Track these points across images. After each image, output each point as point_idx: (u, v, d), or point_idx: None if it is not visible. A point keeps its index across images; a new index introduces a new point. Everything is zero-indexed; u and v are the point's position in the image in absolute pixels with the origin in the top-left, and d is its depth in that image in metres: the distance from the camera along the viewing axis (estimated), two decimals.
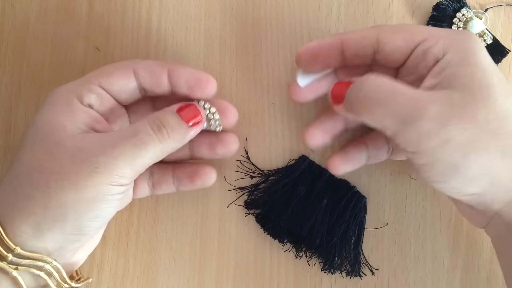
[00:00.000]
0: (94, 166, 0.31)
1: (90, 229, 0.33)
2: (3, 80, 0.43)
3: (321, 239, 0.39)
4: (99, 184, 0.31)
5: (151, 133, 0.33)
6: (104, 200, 0.32)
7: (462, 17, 0.41)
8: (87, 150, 0.32)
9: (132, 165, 0.32)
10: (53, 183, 0.31)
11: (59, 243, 0.33)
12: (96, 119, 0.34)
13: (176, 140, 0.34)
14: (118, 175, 0.32)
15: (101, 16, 0.42)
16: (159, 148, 0.33)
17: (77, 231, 0.33)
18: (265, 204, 0.40)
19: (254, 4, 0.42)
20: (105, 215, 0.33)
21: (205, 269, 0.41)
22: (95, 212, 0.32)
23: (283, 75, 0.42)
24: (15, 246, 0.32)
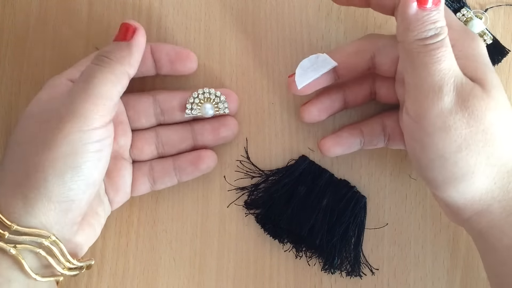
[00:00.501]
0: (59, 118, 0.32)
1: (75, 192, 0.32)
2: (3, 80, 0.43)
3: (321, 239, 0.39)
4: (68, 135, 0.31)
5: (92, 65, 0.33)
6: (79, 152, 0.32)
7: (462, 17, 0.41)
8: (50, 108, 0.33)
9: (93, 102, 0.32)
10: (28, 150, 0.32)
11: (52, 216, 0.32)
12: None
13: (121, 58, 0.34)
14: (82, 116, 0.32)
15: (101, 16, 0.42)
16: (109, 73, 0.33)
17: (63, 197, 0.32)
18: (265, 204, 0.40)
19: (254, 4, 0.42)
20: (85, 172, 0.32)
21: (205, 269, 0.41)
22: (75, 169, 0.32)
23: (283, 75, 0.42)
24: (10, 223, 0.31)
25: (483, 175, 0.31)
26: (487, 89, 0.31)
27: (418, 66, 0.31)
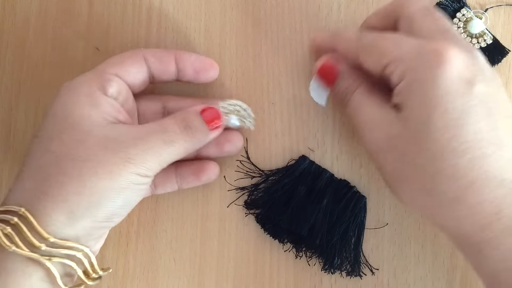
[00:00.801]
0: (127, 157, 0.32)
1: (118, 216, 0.34)
2: (3, 80, 0.43)
3: (321, 239, 0.39)
4: (130, 174, 0.33)
5: (178, 132, 0.35)
6: (133, 189, 0.33)
7: (462, 17, 0.41)
8: (118, 140, 0.33)
9: (159, 160, 0.34)
10: (86, 171, 0.32)
11: (88, 231, 0.33)
12: (119, 110, 0.35)
13: (198, 141, 0.36)
14: (146, 167, 0.33)
15: (101, 16, 0.42)
16: (183, 146, 0.35)
17: (107, 219, 0.33)
18: (265, 204, 0.40)
19: (254, 4, 0.42)
20: (131, 203, 0.35)
21: (205, 269, 0.41)
22: (125, 200, 0.34)
23: (283, 75, 0.42)
24: (48, 235, 0.31)
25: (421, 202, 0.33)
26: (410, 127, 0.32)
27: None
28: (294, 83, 0.42)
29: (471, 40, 0.41)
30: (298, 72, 0.42)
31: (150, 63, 0.37)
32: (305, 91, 0.42)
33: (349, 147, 0.41)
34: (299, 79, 0.42)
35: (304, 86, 0.42)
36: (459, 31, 0.41)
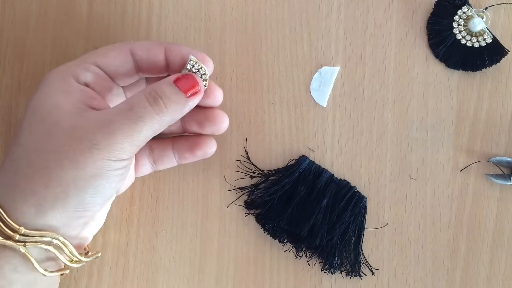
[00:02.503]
0: (92, 143, 0.31)
1: (92, 205, 0.33)
2: (3, 80, 0.43)
3: (321, 239, 0.39)
4: (98, 160, 0.31)
5: (146, 106, 0.32)
6: (104, 176, 0.32)
7: (463, 14, 0.41)
8: (84, 127, 0.32)
9: (131, 140, 0.32)
10: (52, 163, 0.31)
11: (63, 221, 0.32)
12: (92, 96, 0.34)
13: (174, 111, 0.33)
14: (116, 150, 0.32)
15: (101, 16, 0.42)
16: (156, 120, 0.33)
17: (80, 208, 0.33)
18: (265, 204, 0.40)
19: (254, 4, 0.42)
20: (106, 191, 0.33)
21: (205, 269, 0.41)
22: (97, 188, 0.32)
23: (283, 75, 0.42)
24: (19, 227, 0.31)
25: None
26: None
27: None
28: (294, 83, 0.42)
29: (471, 38, 0.41)
30: (298, 72, 0.42)
31: (137, 56, 0.36)
32: (305, 91, 0.42)
33: (349, 147, 0.41)
34: (299, 79, 0.42)
35: (304, 86, 0.42)
36: (459, 29, 0.41)
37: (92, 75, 0.35)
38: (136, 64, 0.36)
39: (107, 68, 0.36)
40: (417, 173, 0.41)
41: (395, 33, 0.42)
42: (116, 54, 0.36)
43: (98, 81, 0.35)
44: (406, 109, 0.41)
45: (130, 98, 0.33)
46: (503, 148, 0.41)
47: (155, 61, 0.36)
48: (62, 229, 0.33)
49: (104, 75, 0.36)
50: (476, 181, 0.41)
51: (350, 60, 0.42)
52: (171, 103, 0.33)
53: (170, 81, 0.34)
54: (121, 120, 0.32)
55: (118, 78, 0.37)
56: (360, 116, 0.42)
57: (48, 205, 0.32)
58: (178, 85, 0.34)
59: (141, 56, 0.36)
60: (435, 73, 0.42)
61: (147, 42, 0.37)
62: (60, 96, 0.33)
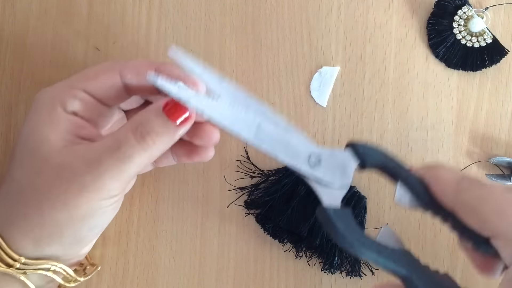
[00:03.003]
0: (82, 186, 0.31)
1: (90, 238, 0.34)
2: (3, 80, 0.43)
3: (321, 239, 0.39)
4: (89, 202, 0.31)
5: (134, 144, 0.31)
6: (98, 214, 0.32)
7: (463, 14, 0.41)
8: (73, 166, 0.31)
9: (120, 179, 0.31)
10: (45, 203, 0.31)
11: (62, 252, 0.33)
12: (81, 125, 0.34)
13: (163, 144, 0.32)
14: (107, 190, 0.31)
15: (101, 16, 0.42)
16: (145, 156, 0.31)
17: (76, 242, 0.33)
18: (265, 204, 0.40)
19: (254, 4, 0.42)
20: (102, 224, 0.34)
21: (205, 269, 0.41)
22: (91, 224, 0.33)
23: (283, 75, 0.42)
24: (19, 257, 0.32)
25: None
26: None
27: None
28: (294, 83, 0.42)
29: (471, 38, 0.41)
30: (298, 72, 0.42)
31: (126, 79, 0.34)
32: (305, 91, 0.42)
33: None
34: (299, 79, 0.42)
35: (304, 86, 0.42)
36: (460, 29, 0.41)
37: (80, 103, 0.34)
38: (126, 86, 0.35)
39: (96, 93, 0.34)
40: None
41: (395, 33, 0.42)
42: (105, 78, 0.34)
43: (87, 108, 0.34)
44: (406, 109, 0.41)
45: (117, 134, 0.32)
46: (503, 148, 0.41)
47: (145, 84, 0.34)
48: (61, 257, 0.33)
49: (93, 101, 0.34)
50: None
51: (350, 60, 0.42)
52: (159, 137, 0.32)
53: (159, 110, 0.32)
54: (109, 160, 0.31)
55: (109, 101, 0.35)
56: (360, 116, 0.42)
57: (45, 243, 0.32)
58: (167, 113, 0.32)
59: (130, 79, 0.34)
60: (435, 73, 0.42)
61: (138, 64, 0.35)
62: (48, 128, 0.32)
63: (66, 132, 0.33)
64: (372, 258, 0.29)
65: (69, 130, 0.33)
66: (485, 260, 0.32)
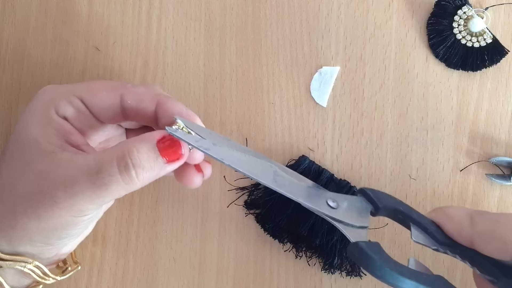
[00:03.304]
0: (54, 200, 0.30)
1: (61, 245, 0.33)
2: (3, 80, 0.43)
3: (321, 239, 0.39)
4: (60, 217, 0.31)
5: (115, 173, 0.29)
6: (68, 228, 0.32)
7: (463, 14, 0.41)
8: (50, 178, 0.30)
9: (91, 203, 0.30)
10: (19, 207, 0.31)
11: (36, 251, 0.33)
12: (69, 131, 0.33)
13: (146, 179, 0.31)
14: (79, 209, 0.31)
15: (101, 16, 0.42)
16: (122, 189, 0.30)
17: (48, 245, 0.33)
18: (265, 204, 0.40)
19: (254, 4, 0.42)
20: (73, 235, 0.33)
21: (205, 269, 0.41)
22: (61, 236, 0.32)
23: (283, 75, 0.42)
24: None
25: None
26: None
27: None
28: (294, 83, 0.42)
29: (471, 38, 0.41)
30: (298, 72, 0.42)
31: (126, 104, 0.34)
32: (305, 91, 0.42)
33: (349, 147, 0.41)
34: (299, 79, 0.42)
35: (304, 86, 0.42)
36: (460, 29, 0.41)
37: (73, 110, 0.33)
38: (124, 110, 0.34)
39: (92, 107, 0.34)
40: (417, 173, 0.41)
41: (395, 33, 0.42)
42: (105, 96, 0.34)
43: (78, 118, 0.34)
44: (406, 109, 0.41)
45: (102, 155, 0.30)
46: (503, 148, 0.41)
47: (143, 113, 0.34)
48: (37, 254, 0.33)
49: (86, 112, 0.34)
50: (476, 181, 0.41)
51: (350, 60, 0.42)
52: (144, 173, 0.30)
53: (152, 143, 0.30)
54: (85, 182, 0.30)
55: (103, 118, 0.35)
56: (360, 116, 0.42)
57: (16, 243, 0.32)
58: (160, 147, 0.30)
59: (130, 104, 0.34)
60: (435, 73, 0.42)
61: (141, 92, 0.34)
62: (38, 130, 0.32)
63: (55, 136, 0.32)
64: (413, 286, 0.30)
65: (58, 134, 0.32)
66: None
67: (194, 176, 0.35)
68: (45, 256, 0.34)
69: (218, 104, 0.42)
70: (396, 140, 0.41)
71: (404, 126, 0.41)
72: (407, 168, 0.41)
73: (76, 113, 0.34)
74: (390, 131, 0.41)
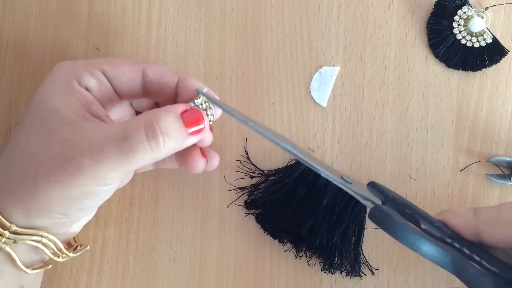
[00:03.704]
0: (79, 167, 0.30)
1: (79, 216, 0.33)
2: (3, 80, 0.43)
3: (321, 239, 0.39)
4: (84, 185, 0.31)
5: (143, 140, 0.30)
6: (90, 197, 0.32)
7: (463, 14, 0.41)
8: (75, 144, 0.31)
9: (117, 171, 0.31)
10: (41, 175, 0.31)
11: (51, 224, 0.33)
12: (92, 102, 0.33)
13: (171, 149, 0.31)
14: (104, 177, 0.31)
15: (101, 16, 0.42)
16: (149, 156, 0.31)
17: (66, 218, 0.33)
18: (265, 204, 0.40)
19: (254, 4, 0.42)
20: (92, 206, 0.33)
21: (205, 269, 0.41)
22: (81, 206, 0.32)
23: (283, 75, 0.42)
24: (10, 224, 0.32)
25: None
26: None
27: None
28: (294, 83, 0.42)
29: (471, 38, 0.41)
30: (298, 72, 0.42)
31: (148, 78, 0.34)
32: (305, 91, 0.42)
33: (349, 147, 0.41)
34: (299, 79, 0.42)
35: (304, 86, 0.42)
36: (460, 29, 0.41)
37: (96, 82, 0.34)
38: (145, 85, 0.35)
39: (113, 79, 0.34)
40: (417, 173, 0.41)
41: (395, 33, 0.42)
42: (127, 69, 0.34)
43: (100, 89, 0.34)
44: (406, 109, 0.41)
45: (128, 123, 0.31)
46: (503, 148, 0.41)
47: (164, 87, 0.34)
48: (51, 228, 0.33)
49: (107, 85, 0.34)
50: (476, 181, 0.41)
51: (350, 60, 0.42)
52: (170, 141, 0.31)
53: (177, 113, 0.32)
54: (111, 149, 0.30)
55: (122, 93, 0.35)
56: (360, 116, 0.42)
57: (34, 214, 0.32)
58: (184, 118, 0.32)
59: (152, 78, 0.34)
60: (435, 73, 0.42)
61: (163, 68, 0.35)
62: (60, 99, 0.32)
63: (77, 105, 0.32)
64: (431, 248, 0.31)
65: (80, 104, 0.33)
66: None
67: (198, 159, 0.36)
68: (57, 232, 0.34)
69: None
70: (396, 140, 0.41)
71: (404, 126, 0.41)
72: (407, 168, 0.41)
73: (98, 85, 0.34)
74: (390, 131, 0.41)
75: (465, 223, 0.33)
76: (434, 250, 0.31)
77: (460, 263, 0.31)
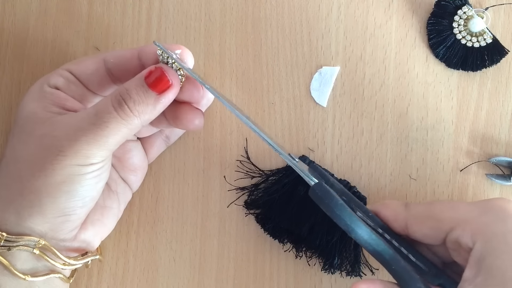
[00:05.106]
0: (59, 150, 0.31)
1: (72, 209, 0.33)
2: (3, 80, 0.43)
3: (321, 239, 0.39)
4: (66, 167, 0.31)
5: (111, 110, 0.31)
6: (75, 181, 0.32)
7: (463, 14, 0.41)
8: (52, 134, 0.32)
9: (98, 145, 0.31)
10: (24, 171, 0.32)
11: (47, 226, 0.33)
12: (64, 98, 0.34)
13: (142, 114, 0.32)
14: (85, 155, 0.31)
15: (101, 16, 0.42)
16: (123, 125, 0.32)
17: (59, 213, 0.33)
18: (265, 204, 0.40)
19: (254, 4, 0.42)
20: (82, 194, 0.33)
21: (205, 269, 0.41)
22: (70, 193, 0.32)
23: (283, 75, 0.42)
24: (1, 233, 0.32)
25: None
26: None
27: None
28: (294, 83, 0.42)
29: (471, 38, 0.41)
30: (298, 72, 0.42)
31: (109, 64, 0.35)
32: (305, 91, 0.42)
33: (349, 147, 0.41)
34: (299, 79, 0.42)
35: (304, 86, 0.42)
36: (460, 29, 0.41)
37: (64, 80, 0.35)
38: (110, 72, 0.36)
39: (80, 75, 0.36)
40: (417, 173, 0.41)
41: (395, 33, 0.42)
42: (90, 63, 0.36)
43: (69, 86, 0.35)
44: (406, 109, 0.41)
45: (99, 102, 0.33)
46: (503, 148, 0.41)
47: (128, 67, 0.35)
48: (49, 233, 0.33)
49: (76, 81, 0.36)
50: (476, 181, 0.41)
51: (350, 60, 0.42)
52: (137, 106, 0.32)
53: (140, 78, 0.32)
54: (86, 125, 0.31)
55: (92, 86, 0.36)
56: (360, 116, 0.42)
57: (26, 213, 0.32)
58: (148, 82, 0.32)
59: (113, 63, 0.35)
60: (435, 73, 0.42)
61: (121, 50, 0.36)
62: (35, 104, 0.34)
63: (50, 104, 0.34)
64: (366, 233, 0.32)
65: (52, 103, 0.34)
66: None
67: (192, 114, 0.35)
68: (59, 236, 0.33)
69: (218, 104, 0.42)
70: (396, 140, 0.41)
71: (404, 126, 0.41)
72: (407, 168, 0.41)
73: (66, 83, 0.35)
74: (390, 131, 0.41)
75: (396, 215, 0.34)
76: (368, 236, 0.32)
77: (392, 255, 0.32)
